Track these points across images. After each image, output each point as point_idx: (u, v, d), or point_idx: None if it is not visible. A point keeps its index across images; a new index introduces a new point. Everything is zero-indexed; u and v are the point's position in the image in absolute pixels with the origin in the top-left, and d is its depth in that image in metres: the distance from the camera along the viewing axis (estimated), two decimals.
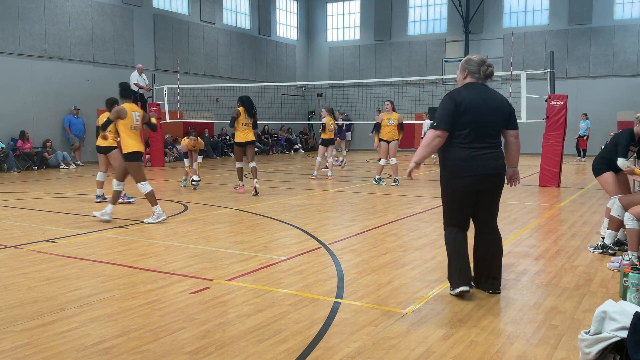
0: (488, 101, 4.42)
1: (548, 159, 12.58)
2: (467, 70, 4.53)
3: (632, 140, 6.36)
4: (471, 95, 4.39)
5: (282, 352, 3.46)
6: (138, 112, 8.20)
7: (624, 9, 24.39)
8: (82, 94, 19.04)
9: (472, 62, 4.51)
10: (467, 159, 4.37)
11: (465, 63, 4.54)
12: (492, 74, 4.51)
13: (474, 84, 4.49)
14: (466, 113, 4.33)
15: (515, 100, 15.80)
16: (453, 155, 4.41)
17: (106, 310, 4.19)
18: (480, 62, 4.49)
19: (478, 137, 4.37)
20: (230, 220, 8.18)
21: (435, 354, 3.45)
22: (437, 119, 4.39)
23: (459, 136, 4.37)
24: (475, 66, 4.49)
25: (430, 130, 4.40)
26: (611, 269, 5.40)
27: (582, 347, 3.04)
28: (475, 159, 4.37)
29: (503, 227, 7.58)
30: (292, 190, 11.78)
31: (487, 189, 4.56)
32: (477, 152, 4.37)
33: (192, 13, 23.89)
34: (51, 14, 18.19)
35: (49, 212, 8.90)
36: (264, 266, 5.50)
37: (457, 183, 4.45)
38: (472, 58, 4.55)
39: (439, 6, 28.06)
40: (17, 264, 5.57)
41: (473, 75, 4.50)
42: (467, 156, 4.37)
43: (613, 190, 6.46)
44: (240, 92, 22.32)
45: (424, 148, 4.44)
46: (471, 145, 4.37)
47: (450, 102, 4.38)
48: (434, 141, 4.37)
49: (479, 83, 4.51)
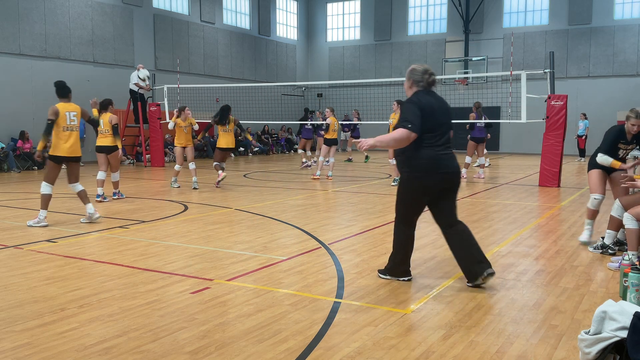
0: (441, 106, 4.80)
1: (548, 159, 12.58)
2: (412, 80, 4.86)
3: (621, 138, 6.22)
4: (430, 101, 4.73)
5: (282, 352, 3.46)
6: (74, 112, 7.93)
7: (624, 9, 24.40)
8: (82, 94, 18.94)
9: (417, 71, 4.84)
10: (435, 159, 4.67)
11: (410, 73, 4.87)
12: (434, 82, 4.88)
13: (424, 90, 4.82)
14: (429, 117, 4.64)
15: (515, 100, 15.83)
16: (422, 155, 4.65)
17: (106, 310, 4.19)
18: (423, 72, 4.82)
19: (440, 139, 4.71)
20: (230, 220, 8.19)
21: (435, 354, 3.45)
22: (410, 122, 4.58)
23: (425, 138, 4.64)
24: (419, 75, 4.82)
25: (404, 130, 4.57)
26: (611, 269, 5.40)
27: (582, 347, 3.04)
28: (441, 158, 4.69)
29: (503, 227, 7.60)
30: (292, 190, 11.78)
31: (451, 186, 4.86)
32: (441, 152, 4.70)
33: (192, 13, 23.89)
34: (51, 14, 18.20)
35: (49, 212, 8.89)
36: (264, 266, 5.50)
37: (424, 182, 4.72)
38: (416, 67, 4.88)
39: (439, 6, 28.07)
40: (17, 264, 5.57)
41: (418, 84, 4.83)
42: (434, 156, 4.67)
43: (593, 187, 6.48)
44: (240, 92, 22.48)
45: (392, 141, 4.64)
46: (436, 147, 4.68)
47: (416, 106, 4.65)
48: (404, 141, 4.60)
49: (428, 90, 4.84)
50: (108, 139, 10.04)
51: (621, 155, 6.32)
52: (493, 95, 23.86)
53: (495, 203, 9.97)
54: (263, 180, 14.01)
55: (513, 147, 26.09)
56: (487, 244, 6.59)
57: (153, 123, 18.11)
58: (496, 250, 6.25)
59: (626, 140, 6.24)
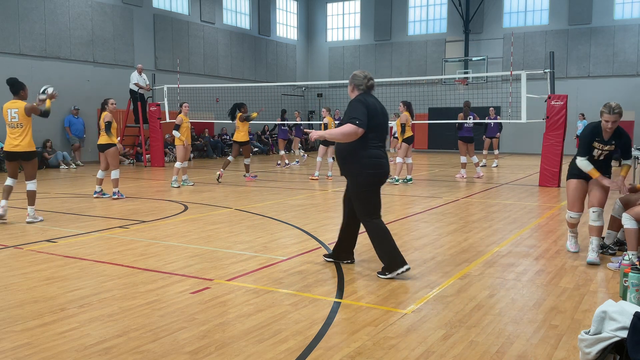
0: (381, 108, 5.16)
1: (548, 159, 12.58)
2: (353, 84, 5.23)
3: (596, 136, 5.59)
4: (373, 102, 5.09)
5: (282, 352, 3.46)
6: (15, 109, 7.90)
7: (624, 9, 24.39)
8: (82, 94, 19.05)
9: (357, 77, 5.22)
10: (379, 158, 5.05)
11: (352, 78, 5.23)
12: (373, 87, 5.25)
13: (366, 93, 5.17)
14: (373, 117, 4.99)
15: (515, 100, 15.83)
16: (369, 154, 5.00)
17: (106, 310, 4.19)
18: (363, 77, 5.19)
19: (381, 139, 5.12)
20: (230, 220, 8.19)
21: (435, 354, 3.45)
22: (358, 119, 4.87)
23: (370, 137, 4.98)
24: (359, 80, 5.20)
25: (352, 125, 4.86)
26: (611, 269, 5.40)
27: (582, 347, 3.04)
28: (382, 158, 5.09)
29: (503, 227, 7.61)
30: (292, 190, 11.78)
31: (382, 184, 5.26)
32: (382, 152, 5.11)
33: (192, 13, 23.89)
34: (51, 14, 18.19)
35: (49, 212, 8.91)
36: (264, 266, 5.50)
37: (373, 179, 5.08)
38: (357, 73, 5.25)
39: (439, 6, 28.06)
40: (17, 264, 5.57)
41: (359, 88, 5.19)
42: (379, 155, 5.05)
43: (570, 202, 5.87)
44: (240, 92, 22.46)
45: (341, 134, 4.93)
46: (378, 146, 5.07)
47: (363, 105, 4.98)
48: (351, 136, 4.89)
49: (367, 93, 5.18)
50: (104, 137, 10.23)
51: (596, 156, 5.67)
52: (493, 95, 23.86)
53: (495, 203, 9.97)
54: (263, 180, 14.01)
55: (513, 147, 26.09)
56: (487, 244, 6.59)
57: (153, 123, 18.10)
58: (496, 250, 6.25)
59: (602, 139, 5.60)
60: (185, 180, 12.46)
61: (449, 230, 7.43)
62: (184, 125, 12.12)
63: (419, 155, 25.12)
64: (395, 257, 5.03)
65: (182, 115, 12.21)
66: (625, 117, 23.92)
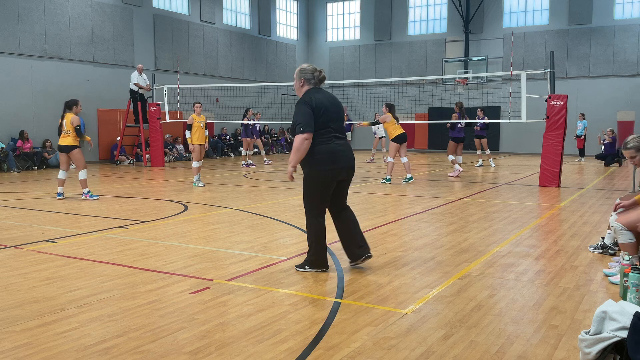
0: (332, 101, 5.10)
1: (548, 159, 12.58)
2: (303, 79, 5.12)
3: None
4: (320, 98, 5.01)
5: (282, 352, 3.46)
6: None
7: (624, 9, 24.39)
8: (82, 94, 19.03)
9: (306, 70, 5.12)
10: (332, 152, 4.99)
11: (300, 72, 5.13)
12: (324, 78, 5.17)
13: (315, 88, 5.10)
14: (322, 114, 4.95)
15: (515, 100, 15.84)
16: (319, 151, 4.96)
17: (106, 310, 4.19)
18: (313, 70, 5.12)
19: (335, 133, 5.04)
20: (230, 220, 8.18)
21: (435, 354, 3.45)
22: (301, 124, 4.89)
23: (321, 134, 4.96)
24: (309, 73, 5.10)
25: (298, 135, 4.90)
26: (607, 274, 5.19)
27: (582, 347, 3.04)
28: (337, 151, 5.02)
29: (503, 227, 7.60)
30: (292, 190, 11.77)
31: (347, 177, 5.23)
32: (337, 146, 5.04)
33: (192, 13, 23.89)
34: (51, 14, 18.19)
35: (49, 212, 8.91)
36: (264, 266, 5.50)
37: (326, 175, 5.01)
38: (305, 67, 5.16)
39: (439, 6, 28.06)
40: (17, 264, 5.57)
41: (309, 82, 5.11)
42: (331, 150, 4.99)
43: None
44: (240, 92, 22.48)
45: (296, 152, 4.96)
46: (332, 141, 5.01)
47: (307, 107, 4.93)
48: (303, 144, 4.91)
49: (317, 87, 5.13)
50: (68, 138, 10.12)
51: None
52: (493, 95, 23.88)
53: (495, 203, 9.97)
54: (263, 180, 14.01)
55: (513, 147, 26.09)
56: (487, 244, 6.59)
57: (153, 123, 18.10)
58: (496, 250, 6.25)
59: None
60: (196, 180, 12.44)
61: (449, 230, 7.43)
62: (196, 125, 12.19)
63: (419, 155, 25.12)
64: (322, 257, 5.20)
65: (194, 115, 12.29)
66: (625, 117, 23.93)
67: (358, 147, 28.57)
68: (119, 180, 14.10)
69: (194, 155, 12.41)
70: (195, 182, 12.36)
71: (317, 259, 5.20)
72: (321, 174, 5.02)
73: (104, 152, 19.87)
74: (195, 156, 12.38)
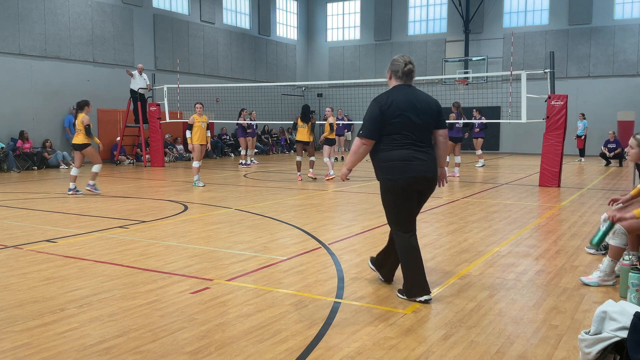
0: (416, 104, 4.38)
1: (548, 159, 12.58)
2: (390, 71, 4.55)
3: None
4: (400, 99, 4.35)
5: (282, 352, 3.46)
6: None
7: (624, 9, 24.39)
8: (82, 94, 18.99)
9: (396, 62, 4.50)
10: (402, 160, 4.32)
11: (390, 64, 4.54)
12: (410, 72, 4.47)
13: (399, 86, 4.48)
14: (395, 118, 4.31)
15: (515, 100, 15.83)
16: (387, 157, 4.37)
17: (106, 310, 4.19)
18: (402, 62, 4.47)
19: (412, 140, 4.35)
20: (230, 220, 8.18)
21: (435, 354, 3.45)
22: (363, 128, 4.41)
23: (393, 139, 4.35)
24: (398, 65, 4.47)
25: (357, 139, 4.46)
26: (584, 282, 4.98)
27: (582, 347, 3.04)
28: (409, 160, 4.32)
29: (503, 227, 7.60)
30: (292, 190, 11.77)
31: (423, 189, 4.49)
32: (411, 153, 4.34)
33: (192, 13, 23.89)
34: (51, 14, 18.19)
35: (49, 212, 8.91)
36: (264, 266, 5.50)
37: (395, 185, 4.36)
38: (396, 58, 4.54)
39: (439, 6, 28.06)
40: (17, 264, 5.57)
41: (396, 76, 4.50)
42: (402, 157, 4.33)
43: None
44: (240, 92, 22.47)
45: (352, 155, 4.53)
46: (405, 147, 4.34)
47: (376, 108, 4.37)
48: (360, 149, 4.44)
49: (404, 84, 4.49)
50: (80, 136, 10.80)
51: None
52: (493, 95, 23.86)
53: (495, 203, 9.96)
54: (263, 180, 14.01)
55: (513, 147, 26.09)
56: (487, 244, 6.59)
57: (153, 123, 18.10)
58: (496, 250, 6.25)
59: None
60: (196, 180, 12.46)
61: (449, 230, 7.43)
62: (196, 125, 12.25)
63: None
64: (415, 282, 4.38)
65: (195, 115, 12.38)
66: (625, 117, 23.92)
67: None
68: (119, 180, 14.10)
69: (194, 155, 12.45)
70: (195, 182, 12.37)
71: (411, 287, 4.41)
72: (388, 183, 4.40)
73: (104, 152, 19.83)
74: (196, 156, 12.42)
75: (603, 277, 4.90)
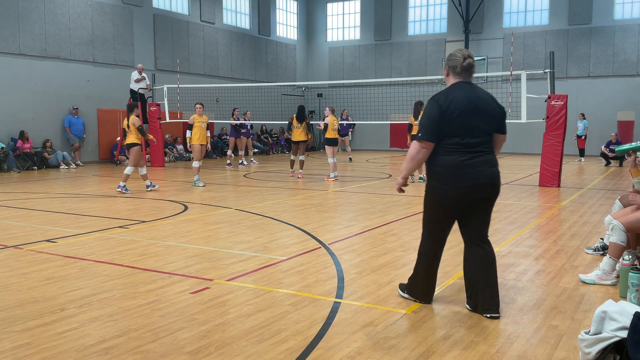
0: (477, 103, 4.02)
1: (548, 159, 12.59)
2: (448, 67, 4.15)
3: None
4: (460, 98, 3.97)
5: (282, 352, 3.46)
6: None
7: (624, 9, 24.38)
8: (82, 94, 19.05)
9: (454, 57, 4.11)
10: (458, 167, 3.96)
11: (447, 59, 4.16)
12: (470, 67, 4.07)
13: (459, 83, 4.08)
14: (455, 119, 3.93)
15: (515, 100, 15.82)
16: (442, 162, 4.00)
17: (106, 310, 4.19)
18: (460, 56, 4.06)
19: (468, 144, 3.97)
20: (230, 220, 8.18)
21: (435, 354, 3.45)
22: (421, 130, 3.99)
23: (449, 144, 3.98)
24: (456, 60, 4.08)
25: (415, 142, 4.05)
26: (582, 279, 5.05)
27: (582, 347, 3.04)
28: (466, 167, 3.96)
29: (503, 227, 7.60)
30: (292, 190, 11.78)
31: (481, 198, 4.11)
32: (468, 160, 3.96)
33: (192, 13, 23.89)
34: (51, 14, 18.19)
35: (49, 212, 8.91)
36: (264, 266, 5.50)
37: (446, 193, 4.03)
38: (454, 52, 4.13)
39: (439, 6, 28.06)
40: (17, 264, 5.57)
41: (454, 72, 4.10)
42: (457, 164, 3.96)
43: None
44: (240, 92, 22.46)
45: (409, 161, 4.09)
46: (463, 153, 3.97)
47: (435, 108, 3.98)
48: (419, 153, 4.03)
49: (464, 82, 4.09)
50: (130, 137, 11.31)
51: None
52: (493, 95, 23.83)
53: (496, 203, 9.95)
54: (263, 180, 14.01)
55: (513, 147, 26.08)
56: None
57: (153, 123, 18.10)
58: (496, 250, 6.25)
59: None
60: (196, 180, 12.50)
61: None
62: (196, 125, 12.32)
63: None
64: (425, 289, 4.33)
65: (196, 115, 12.47)
66: (625, 117, 23.92)
67: (359, 147, 28.56)
68: (119, 180, 14.08)
69: (194, 155, 12.47)
70: (195, 182, 12.38)
71: (419, 289, 4.36)
72: (437, 191, 4.07)
73: (104, 152, 19.86)
74: (196, 156, 12.45)
75: (601, 276, 4.90)
